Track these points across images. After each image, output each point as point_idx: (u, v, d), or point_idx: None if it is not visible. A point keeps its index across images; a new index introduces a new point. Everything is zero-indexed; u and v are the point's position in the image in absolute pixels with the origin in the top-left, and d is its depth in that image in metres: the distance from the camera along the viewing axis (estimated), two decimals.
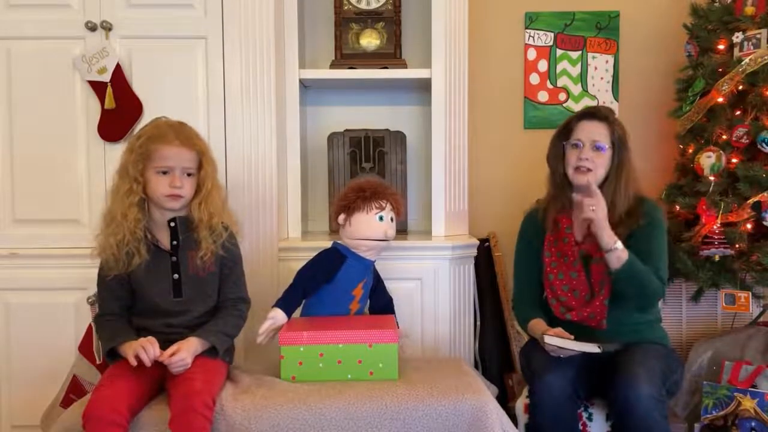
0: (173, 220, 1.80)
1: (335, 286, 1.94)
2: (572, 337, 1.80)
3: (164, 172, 1.74)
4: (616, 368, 1.76)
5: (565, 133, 1.97)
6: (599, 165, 1.90)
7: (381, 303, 2.06)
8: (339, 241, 1.99)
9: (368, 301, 2.03)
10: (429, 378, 1.76)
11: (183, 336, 1.72)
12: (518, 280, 2.08)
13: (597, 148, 1.89)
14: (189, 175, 1.78)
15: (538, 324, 1.92)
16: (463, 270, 2.38)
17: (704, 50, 2.39)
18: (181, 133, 1.77)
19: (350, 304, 1.95)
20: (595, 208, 1.82)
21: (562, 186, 1.99)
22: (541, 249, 2.00)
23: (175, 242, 1.80)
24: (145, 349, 1.62)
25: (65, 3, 2.17)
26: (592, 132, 1.90)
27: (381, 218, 1.93)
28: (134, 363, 1.62)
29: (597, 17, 2.75)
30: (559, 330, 1.82)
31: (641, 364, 1.74)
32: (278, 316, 1.85)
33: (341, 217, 1.96)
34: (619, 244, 1.82)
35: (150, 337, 1.66)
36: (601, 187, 1.90)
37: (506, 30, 2.76)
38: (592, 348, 1.75)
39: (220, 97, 2.21)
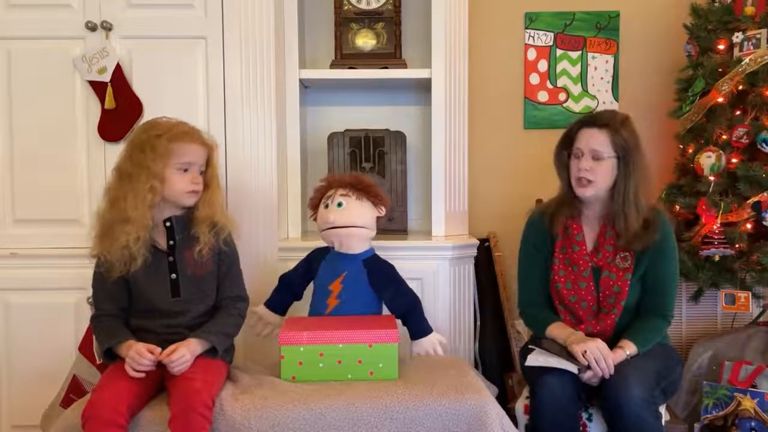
0: (168, 219, 1.80)
1: (317, 281, 1.98)
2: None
3: (185, 169, 1.76)
4: None
5: (566, 141, 1.91)
6: (599, 174, 1.83)
7: (400, 308, 1.96)
8: None
9: (360, 300, 1.96)
10: (429, 378, 1.75)
11: (182, 336, 1.72)
12: (526, 284, 1.99)
13: (597, 158, 1.82)
14: (201, 172, 1.81)
15: (560, 329, 1.86)
16: (463, 270, 2.38)
17: (704, 50, 2.40)
18: (195, 131, 1.81)
19: (327, 299, 1.93)
20: (601, 372, 1.74)
21: (570, 193, 1.92)
22: (546, 253, 1.95)
23: (171, 242, 1.80)
24: (137, 362, 1.61)
25: (65, 3, 2.17)
26: (591, 140, 1.83)
27: (326, 206, 1.95)
28: (136, 375, 1.62)
29: (597, 17, 2.75)
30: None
31: (633, 365, 1.74)
32: (259, 311, 2.01)
33: (313, 217, 2.03)
34: (628, 352, 1.77)
35: (140, 349, 1.63)
36: (610, 197, 1.85)
37: (506, 30, 2.75)
38: (572, 367, 1.75)
39: (220, 97, 2.21)
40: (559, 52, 2.76)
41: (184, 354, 1.64)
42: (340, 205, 1.92)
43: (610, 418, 1.72)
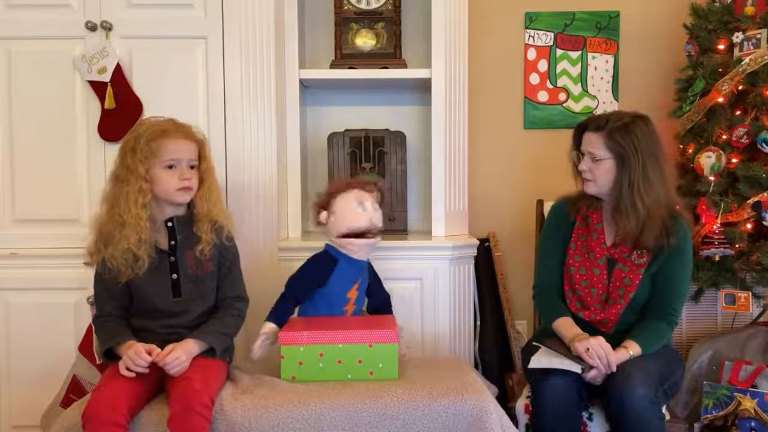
0: (170, 219, 1.80)
1: (329, 290, 1.92)
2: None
3: (170, 167, 1.75)
4: None
5: (576, 142, 1.96)
6: (599, 174, 1.87)
7: (378, 301, 2.04)
8: (330, 243, 1.96)
9: (365, 301, 2.02)
10: (429, 378, 1.76)
11: (182, 337, 1.72)
12: (543, 269, 2.03)
13: (594, 159, 1.87)
14: (192, 167, 1.79)
15: (565, 325, 1.88)
16: (463, 270, 2.38)
17: (704, 50, 2.40)
18: (180, 127, 1.79)
19: (345, 306, 1.94)
20: (602, 368, 1.75)
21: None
22: (566, 236, 1.98)
23: (173, 242, 1.80)
24: (133, 361, 1.61)
25: (65, 3, 2.17)
26: (588, 143, 1.89)
27: (364, 209, 1.91)
28: (127, 374, 1.61)
29: (597, 17, 2.75)
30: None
31: (637, 365, 1.75)
32: (270, 331, 1.85)
33: (323, 215, 1.93)
34: (631, 352, 1.78)
35: (139, 348, 1.63)
36: (612, 196, 1.88)
37: (506, 30, 2.75)
38: (575, 367, 1.75)
39: (220, 97, 2.21)
40: (559, 52, 2.76)
41: (179, 355, 1.64)
42: (375, 208, 1.92)
43: (614, 418, 1.72)
